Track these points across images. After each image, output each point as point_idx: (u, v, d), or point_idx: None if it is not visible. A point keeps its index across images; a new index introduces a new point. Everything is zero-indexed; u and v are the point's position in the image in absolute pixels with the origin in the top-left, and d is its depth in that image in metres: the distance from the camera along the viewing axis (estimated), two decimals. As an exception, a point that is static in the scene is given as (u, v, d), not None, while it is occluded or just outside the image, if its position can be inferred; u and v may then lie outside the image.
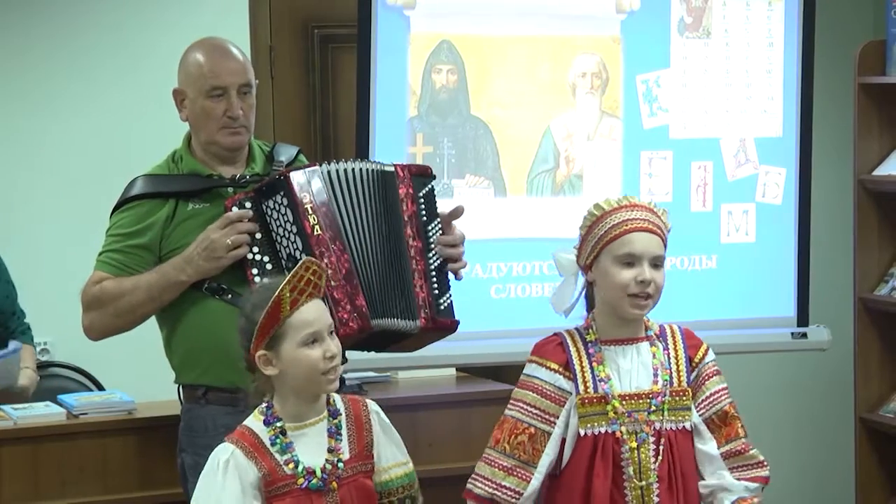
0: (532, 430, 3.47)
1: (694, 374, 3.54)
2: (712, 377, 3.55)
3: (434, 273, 3.98)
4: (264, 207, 3.88)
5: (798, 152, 5.08)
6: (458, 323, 4.03)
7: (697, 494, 3.51)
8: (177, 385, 4.06)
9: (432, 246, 4.00)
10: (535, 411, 3.49)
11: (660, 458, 3.45)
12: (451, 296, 4.02)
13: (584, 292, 3.58)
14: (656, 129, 4.95)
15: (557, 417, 3.48)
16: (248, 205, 3.88)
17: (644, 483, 3.44)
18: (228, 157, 4.02)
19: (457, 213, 4.09)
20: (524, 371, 3.55)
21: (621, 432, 3.45)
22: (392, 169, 3.99)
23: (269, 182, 3.89)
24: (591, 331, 3.53)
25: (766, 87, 5.05)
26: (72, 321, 5.65)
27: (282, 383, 3.30)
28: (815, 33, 5.10)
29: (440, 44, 4.75)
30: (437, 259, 4.01)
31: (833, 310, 5.65)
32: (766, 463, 3.54)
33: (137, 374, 5.33)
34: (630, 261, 3.46)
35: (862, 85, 5.52)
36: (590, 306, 3.58)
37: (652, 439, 3.46)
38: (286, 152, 4.13)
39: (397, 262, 3.95)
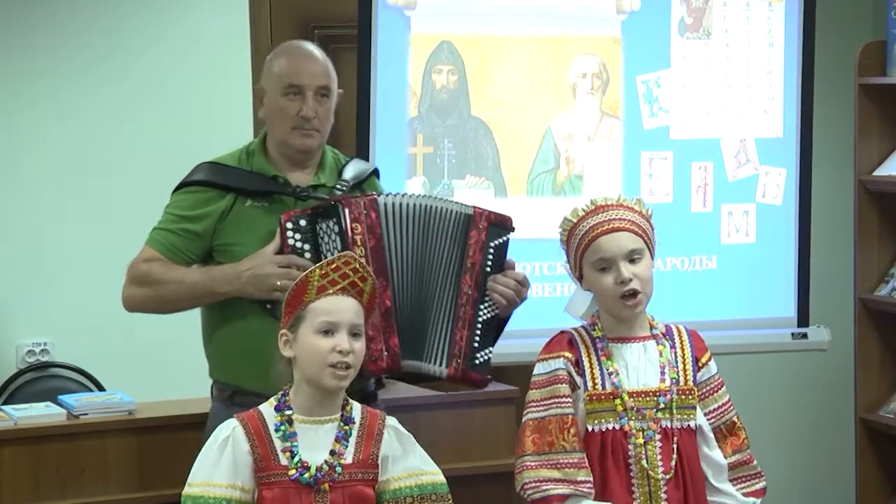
0: (569, 418, 3.45)
1: (699, 375, 3.55)
2: (720, 389, 3.58)
3: (480, 325, 3.92)
4: (317, 229, 3.86)
5: (798, 153, 5.08)
6: (489, 381, 3.98)
7: (704, 493, 3.52)
8: (211, 382, 4.06)
9: (487, 299, 3.93)
10: (564, 400, 3.46)
11: (674, 456, 3.46)
12: (490, 353, 3.95)
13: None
14: (657, 129, 4.95)
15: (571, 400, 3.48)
16: (302, 223, 3.86)
17: (652, 480, 3.45)
18: (299, 160, 4.01)
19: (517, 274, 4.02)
20: (536, 372, 3.54)
21: (629, 426, 3.45)
22: (471, 212, 3.94)
23: (326, 205, 3.88)
24: (597, 328, 3.55)
25: (767, 88, 5.05)
26: (72, 321, 5.64)
27: (297, 370, 3.33)
28: (816, 33, 5.10)
29: (440, 44, 4.74)
30: (489, 312, 3.94)
31: (833, 310, 5.64)
32: (763, 474, 3.58)
33: (137, 375, 5.34)
34: (605, 266, 3.47)
35: (862, 85, 5.52)
36: None
37: (659, 437, 3.46)
38: (357, 169, 4.10)
39: (443, 305, 3.91)
